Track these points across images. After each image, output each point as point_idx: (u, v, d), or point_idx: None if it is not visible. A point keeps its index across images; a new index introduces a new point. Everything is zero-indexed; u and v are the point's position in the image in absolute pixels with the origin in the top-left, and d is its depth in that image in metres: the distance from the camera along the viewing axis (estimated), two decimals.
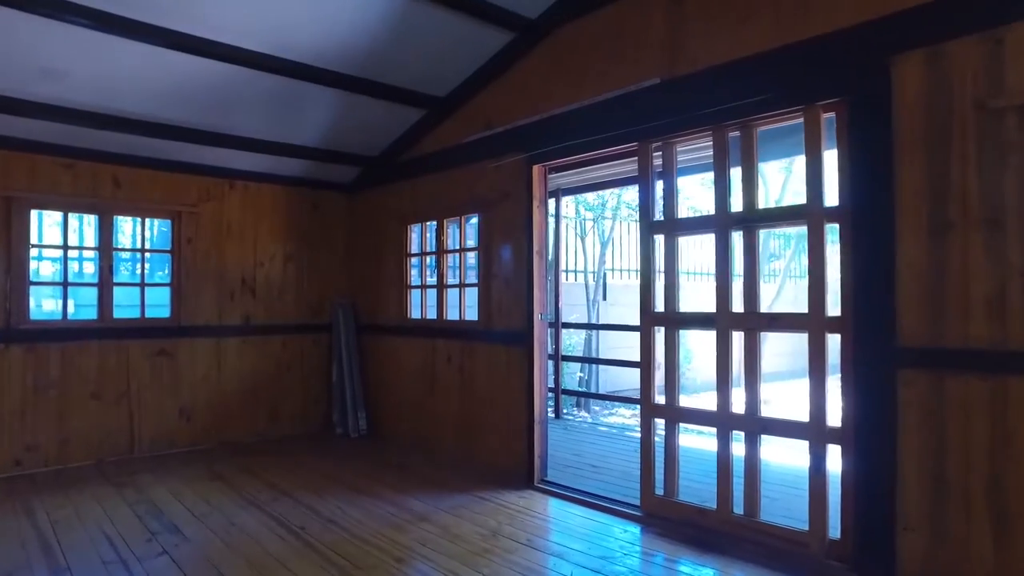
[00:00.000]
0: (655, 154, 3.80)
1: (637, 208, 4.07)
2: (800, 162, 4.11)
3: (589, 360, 9.07)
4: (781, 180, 11.44)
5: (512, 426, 4.72)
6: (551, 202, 5.77)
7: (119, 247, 6.49)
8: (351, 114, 5.24)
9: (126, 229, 9.39)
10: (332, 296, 6.48)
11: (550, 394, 5.61)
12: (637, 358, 3.99)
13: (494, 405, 4.90)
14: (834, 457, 3.05)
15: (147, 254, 7.19)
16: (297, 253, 6.28)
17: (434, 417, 5.49)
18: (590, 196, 9.75)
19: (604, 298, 9.66)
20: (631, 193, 9.51)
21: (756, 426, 3.31)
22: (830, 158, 3.09)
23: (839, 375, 3.00)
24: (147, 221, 7.42)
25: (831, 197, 3.04)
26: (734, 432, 3.41)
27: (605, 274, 9.94)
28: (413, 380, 5.74)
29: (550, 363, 5.11)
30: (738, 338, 3.43)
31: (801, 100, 3.10)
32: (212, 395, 5.77)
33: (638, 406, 8.84)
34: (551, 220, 5.98)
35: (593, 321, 9.52)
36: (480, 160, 5.02)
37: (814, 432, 3.08)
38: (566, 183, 6.40)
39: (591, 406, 9.15)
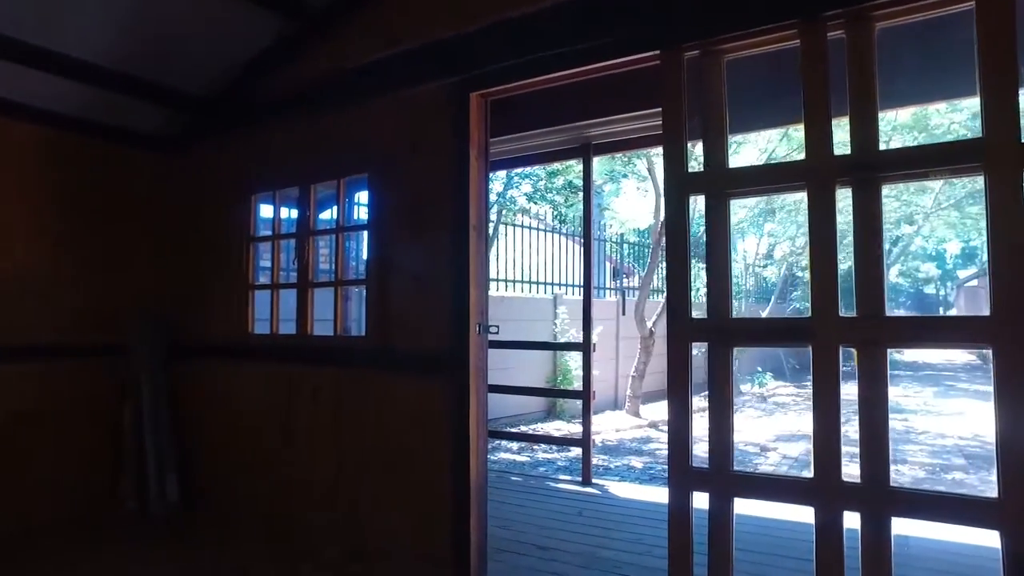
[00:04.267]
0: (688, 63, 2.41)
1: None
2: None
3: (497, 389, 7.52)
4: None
5: (429, 499, 3.05)
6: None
7: None
8: (167, 14, 3.31)
9: None
10: (132, 303, 4.29)
11: None
12: (524, 381, 2.53)
13: (395, 467, 3.19)
14: None
15: None
16: (73, 236, 4.04)
17: (292, 483, 3.61)
18: None
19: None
20: (527, 186, 8.20)
21: (890, 502, 1.98)
22: None
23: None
24: None
25: None
26: (847, 511, 2.07)
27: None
28: (258, 426, 3.79)
29: None
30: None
31: None
32: None
33: (529, 442, 7.60)
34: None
35: None
36: (378, 94, 3.34)
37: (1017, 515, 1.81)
38: (496, 153, 4.83)
39: None
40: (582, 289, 4.86)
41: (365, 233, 3.42)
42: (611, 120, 4.49)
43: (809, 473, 2.10)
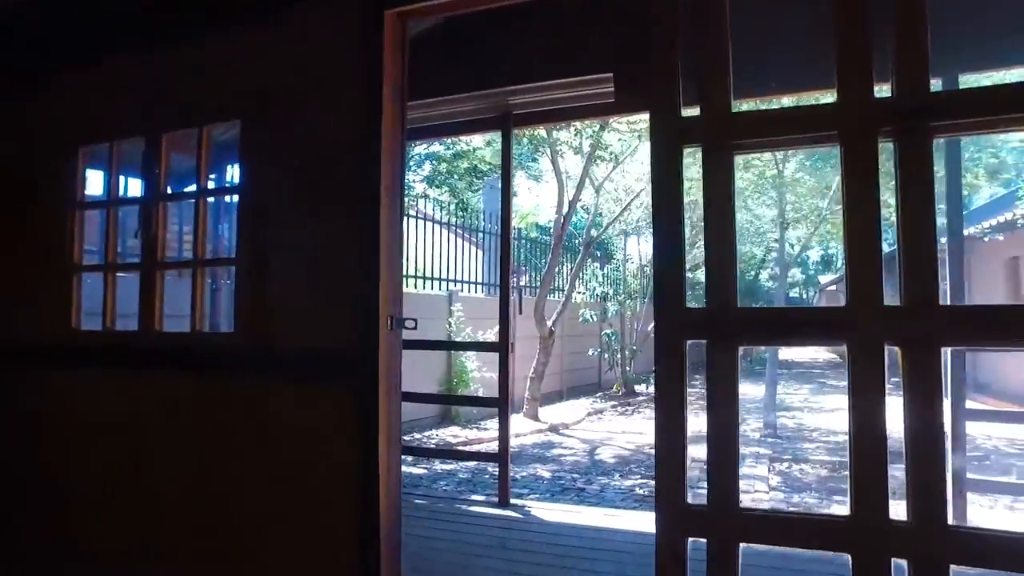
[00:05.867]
0: None
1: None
2: None
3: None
4: None
5: (326, 551, 2.30)
6: None
7: None
8: None
9: None
10: None
11: None
12: (416, 384, 1.95)
13: (280, 506, 2.40)
14: None
15: None
16: None
17: (139, 530, 2.69)
18: None
19: None
20: (428, 167, 7.47)
21: (951, 547, 1.52)
22: None
23: None
24: None
25: None
26: (895, 559, 1.58)
27: None
28: (90, 456, 2.81)
29: None
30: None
31: None
32: None
33: (443, 458, 6.75)
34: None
35: None
36: (259, 14, 2.54)
37: None
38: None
39: None
40: (491, 285, 4.25)
41: (236, 199, 2.59)
42: (539, 87, 3.95)
43: (840, 508, 1.60)
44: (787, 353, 20.10)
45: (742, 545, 1.69)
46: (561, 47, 3.93)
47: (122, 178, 3.07)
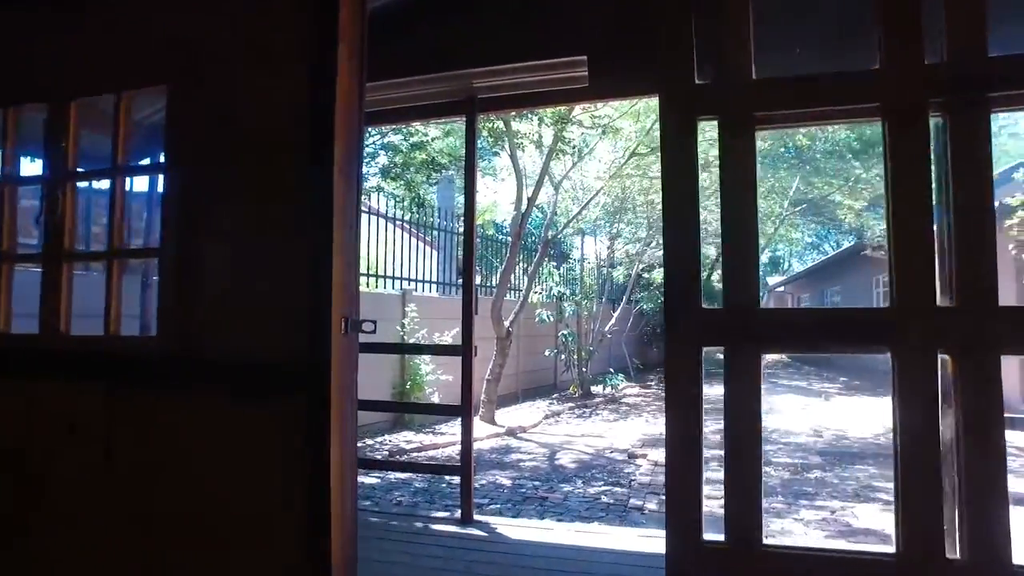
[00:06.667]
0: None
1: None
2: None
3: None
4: None
5: None
6: None
7: None
8: None
9: None
10: None
11: None
12: (367, 389, 1.70)
13: (213, 547, 2.02)
14: None
15: None
16: None
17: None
18: None
19: None
20: (383, 158, 7.08)
21: None
22: None
23: None
24: None
25: None
26: None
27: None
28: None
29: None
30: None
31: None
32: None
33: (402, 471, 6.29)
34: None
35: None
36: None
37: None
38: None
39: None
40: (445, 285, 3.92)
41: (159, 179, 2.19)
42: (506, 70, 3.65)
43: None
44: None
45: None
46: (531, 27, 3.65)
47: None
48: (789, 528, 4.54)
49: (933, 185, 1.39)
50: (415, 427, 8.34)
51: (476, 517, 3.71)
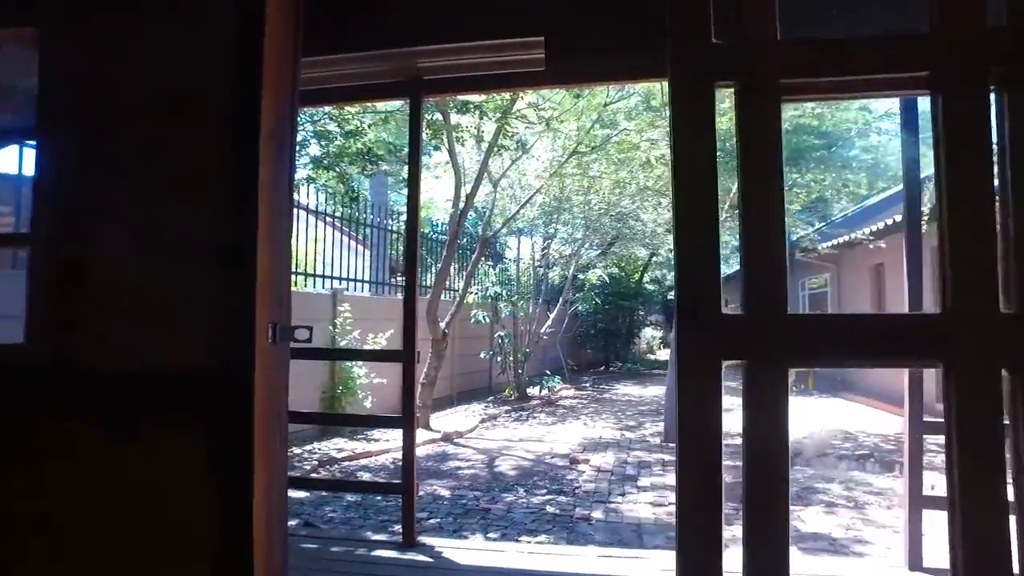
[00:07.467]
0: None
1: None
2: None
3: None
4: None
5: None
6: None
7: None
8: None
9: None
10: None
11: None
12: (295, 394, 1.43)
13: None
14: None
15: None
16: None
17: None
18: None
19: None
20: (315, 148, 6.60)
21: None
22: None
23: None
24: None
25: None
26: None
27: None
28: None
29: None
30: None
31: None
32: None
33: (339, 491, 5.70)
34: None
35: None
36: None
37: None
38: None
39: None
40: (378, 284, 3.56)
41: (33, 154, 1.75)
42: (453, 49, 3.33)
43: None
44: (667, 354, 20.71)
45: None
46: (483, 4, 3.35)
47: None
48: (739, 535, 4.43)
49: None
50: (346, 434, 7.86)
51: (419, 539, 3.36)
